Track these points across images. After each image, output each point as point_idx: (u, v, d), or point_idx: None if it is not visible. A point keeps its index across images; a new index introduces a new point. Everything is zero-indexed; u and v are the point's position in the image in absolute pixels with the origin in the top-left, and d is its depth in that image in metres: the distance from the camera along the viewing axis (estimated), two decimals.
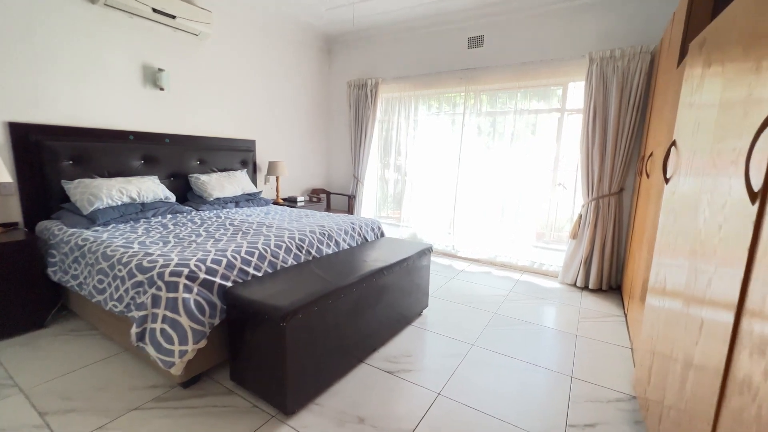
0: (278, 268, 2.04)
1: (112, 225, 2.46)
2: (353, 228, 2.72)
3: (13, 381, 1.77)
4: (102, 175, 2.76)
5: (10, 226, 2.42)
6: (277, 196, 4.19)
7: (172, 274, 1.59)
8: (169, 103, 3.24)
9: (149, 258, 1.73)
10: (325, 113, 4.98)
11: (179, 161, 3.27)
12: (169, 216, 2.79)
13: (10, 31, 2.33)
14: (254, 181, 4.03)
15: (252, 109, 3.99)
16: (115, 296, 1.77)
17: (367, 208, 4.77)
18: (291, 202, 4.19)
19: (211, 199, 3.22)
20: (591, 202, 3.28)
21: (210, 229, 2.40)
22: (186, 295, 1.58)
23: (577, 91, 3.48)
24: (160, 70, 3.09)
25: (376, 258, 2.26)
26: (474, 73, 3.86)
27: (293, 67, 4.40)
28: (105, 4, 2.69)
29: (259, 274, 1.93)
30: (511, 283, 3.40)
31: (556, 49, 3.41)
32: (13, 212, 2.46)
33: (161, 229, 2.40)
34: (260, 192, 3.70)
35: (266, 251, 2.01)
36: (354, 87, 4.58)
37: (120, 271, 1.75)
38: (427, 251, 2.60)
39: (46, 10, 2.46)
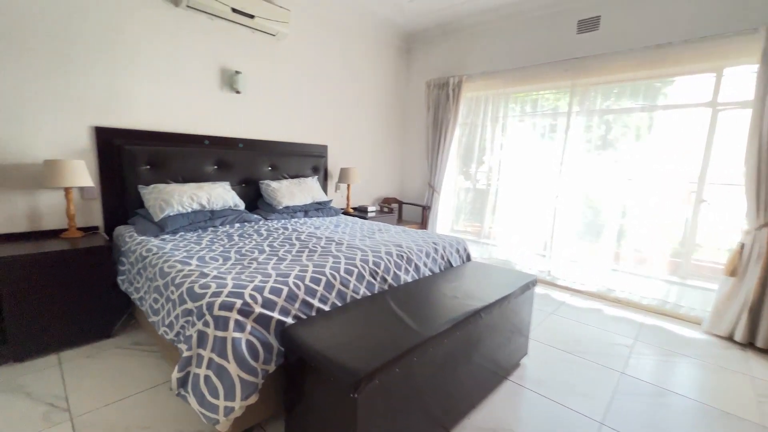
0: (348, 299, 1.66)
1: (180, 233, 2.33)
2: (435, 249, 2.25)
3: (67, 403, 1.63)
4: (176, 181, 2.69)
5: (91, 230, 2.41)
6: (348, 205, 3.90)
7: (222, 306, 1.28)
8: (244, 106, 3.12)
9: (202, 281, 1.46)
10: (400, 117, 4.61)
11: (251, 167, 3.13)
12: (236, 225, 2.61)
13: (97, 38, 2.33)
14: (324, 188, 3.80)
15: (325, 112, 3.77)
16: (167, 321, 1.53)
17: (443, 220, 4.27)
18: (361, 212, 3.87)
19: (281, 207, 3.01)
20: (761, 228, 2.38)
21: (275, 244, 2.12)
22: (237, 335, 1.26)
23: (736, 79, 2.60)
24: (237, 72, 2.98)
25: (469, 293, 1.77)
26: (584, 64, 3.16)
27: (369, 67, 4.12)
28: (188, 6, 2.62)
29: (326, 308, 1.56)
30: (634, 328, 2.62)
31: (709, 24, 2.59)
32: (95, 216, 2.46)
33: (225, 240, 2.20)
34: (330, 201, 3.43)
35: (335, 278, 1.64)
36: (433, 87, 4.14)
37: (173, 293, 1.51)
38: (531, 285, 2.03)
39: (130, 14, 2.44)
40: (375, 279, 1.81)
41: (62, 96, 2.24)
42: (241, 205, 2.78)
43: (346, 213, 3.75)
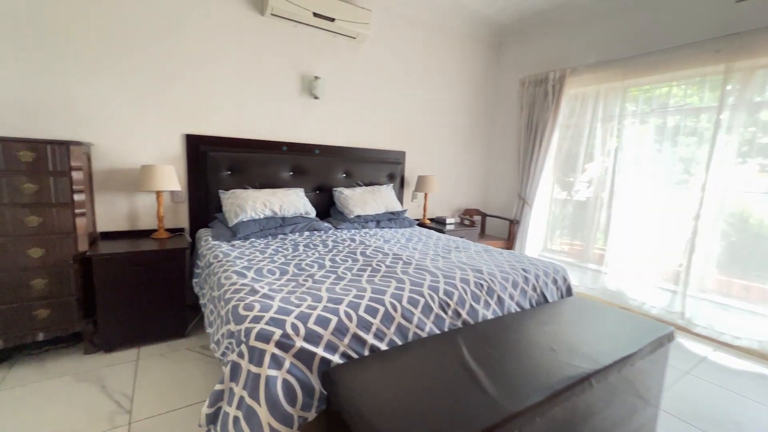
0: (410, 336, 1.36)
1: (250, 240, 2.31)
2: (526, 278, 1.81)
3: (131, 404, 1.65)
4: (254, 186, 2.72)
5: (177, 232, 2.55)
6: (424, 216, 3.60)
7: (259, 336, 1.10)
8: (322, 112, 3.07)
9: (249, 300, 1.31)
10: (486, 119, 4.16)
11: (326, 173, 3.05)
12: (305, 233, 2.52)
13: (189, 52, 2.46)
14: (400, 197, 3.56)
15: (404, 116, 3.55)
16: (215, 337, 1.43)
17: (535, 237, 3.68)
18: (439, 223, 3.53)
19: (352, 216, 2.85)
20: None
21: (337, 259, 1.93)
22: (272, 373, 1.06)
23: None
24: (316, 78, 2.93)
25: (572, 345, 1.32)
26: (746, 40, 2.35)
27: (453, 67, 3.78)
28: (272, 14, 2.65)
29: (382, 346, 1.28)
30: None
31: None
32: (182, 219, 2.61)
33: (290, 250, 2.09)
34: (405, 211, 3.17)
35: (395, 308, 1.36)
36: (529, 84, 3.61)
37: (222, 308, 1.41)
38: (666, 340, 1.47)
39: (219, 26, 2.54)
40: (446, 312, 1.48)
41: (160, 106, 2.41)
42: (312, 213, 2.70)
43: (421, 224, 3.45)
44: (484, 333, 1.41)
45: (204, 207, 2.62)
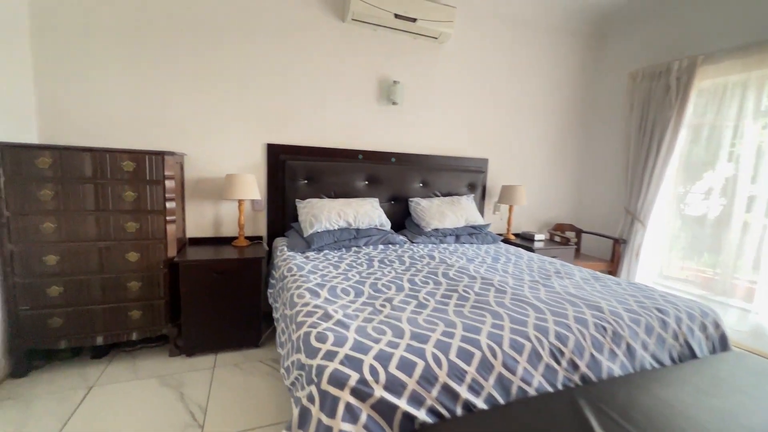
0: (514, 392, 1.07)
1: (324, 251, 2.22)
2: (663, 322, 1.39)
3: (203, 418, 1.62)
4: (329, 196, 2.65)
5: (256, 240, 2.58)
6: (508, 230, 3.22)
7: (333, 379, 0.92)
8: (400, 118, 2.91)
9: (323, 327, 1.16)
10: (583, 122, 3.62)
11: (402, 183, 2.87)
12: (380, 247, 2.36)
13: (271, 62, 2.49)
14: (481, 209, 3.23)
15: (488, 121, 3.23)
16: (286, 363, 1.30)
17: (649, 260, 3.04)
18: (526, 239, 3.12)
19: (429, 229, 2.62)
20: None
21: (416, 280, 1.71)
22: (347, 428, 0.87)
23: None
24: (395, 82, 2.79)
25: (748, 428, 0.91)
26: None
27: (545, 64, 3.36)
28: (353, 19, 2.58)
29: (479, 402, 1.02)
30: None
31: None
32: (261, 227, 2.63)
33: (365, 266, 1.93)
34: (488, 225, 2.85)
35: (494, 354, 1.09)
36: (642, 78, 3.03)
37: (293, 332, 1.27)
38: None
39: (300, 33, 2.53)
40: (558, 363, 1.16)
41: (244, 116, 2.47)
42: (387, 225, 2.53)
43: (506, 240, 3.08)
44: (613, 396, 1.06)
45: (281, 216, 2.62)
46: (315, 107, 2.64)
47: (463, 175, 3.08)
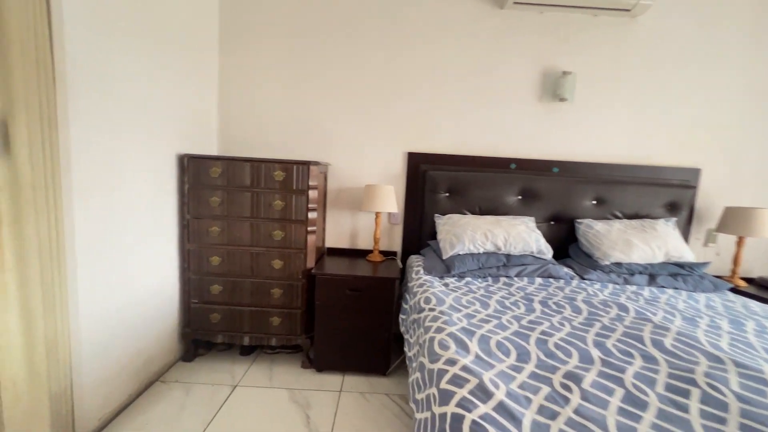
0: None
1: (466, 279, 1.86)
2: None
3: None
4: (473, 212, 2.27)
5: (391, 256, 2.40)
6: (734, 273, 2.21)
7: None
8: (568, 118, 2.32)
9: (477, 415, 0.80)
10: None
11: (566, 199, 2.27)
12: (537, 281, 1.85)
13: (418, 65, 2.27)
14: (687, 238, 2.32)
15: (702, 117, 2.31)
16: (420, 427, 0.98)
17: None
18: (765, 288, 2.07)
19: (607, 262, 1.96)
20: None
21: (609, 347, 1.16)
22: None
23: None
24: (565, 73, 2.23)
25: None
26: None
27: None
28: (514, 3, 2.16)
29: None
30: None
31: None
32: (396, 242, 2.45)
33: (522, 308, 1.48)
34: (704, 265, 1.98)
35: None
36: None
37: (435, 401, 0.95)
38: None
39: (450, 27, 2.25)
40: None
41: (386, 124, 2.33)
42: (548, 253, 2.00)
43: (734, 289, 2.09)
44: None
45: (418, 231, 2.38)
46: (462, 110, 2.32)
47: (661, 191, 2.25)
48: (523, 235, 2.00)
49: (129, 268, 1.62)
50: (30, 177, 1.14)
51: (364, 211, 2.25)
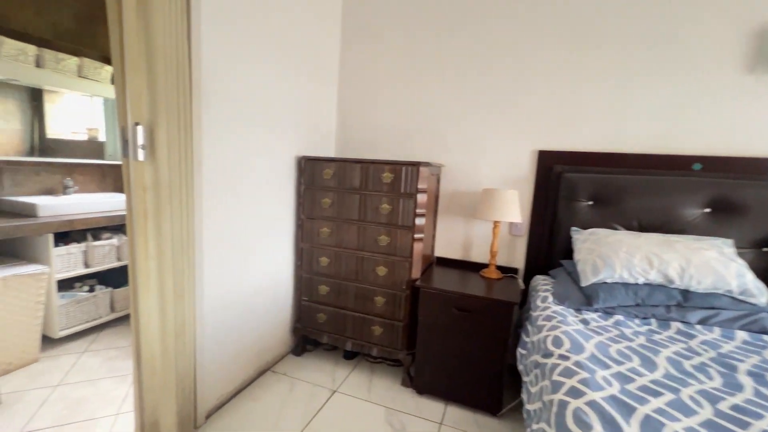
0: None
1: (616, 318, 1.39)
2: None
3: None
4: (629, 227, 1.73)
5: (510, 272, 2.04)
6: None
7: None
8: None
9: None
10: None
11: None
12: (739, 337, 1.25)
13: (552, 42, 1.84)
14: None
15: None
16: None
17: None
18: None
19: None
20: None
21: None
22: None
23: None
24: None
25: None
26: None
27: None
28: None
29: None
30: None
31: None
32: (517, 257, 2.07)
33: (714, 379, 0.98)
34: None
35: None
36: None
37: None
38: None
39: None
40: None
41: (511, 118, 1.98)
42: (758, 295, 1.34)
43: None
44: None
45: (546, 246, 1.95)
46: (619, 93, 1.79)
47: None
48: (713, 264, 1.39)
49: (249, 262, 1.74)
50: (167, 177, 1.27)
51: (480, 219, 1.96)
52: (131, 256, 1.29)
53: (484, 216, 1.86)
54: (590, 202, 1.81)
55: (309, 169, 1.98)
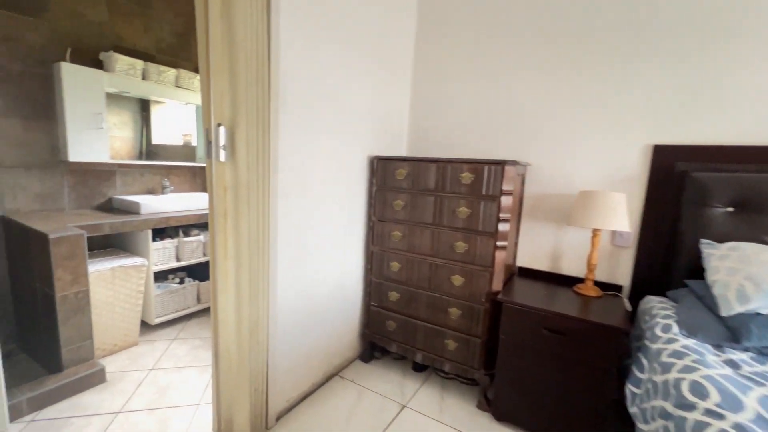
0: None
1: None
2: None
3: None
4: None
5: (612, 290, 1.72)
6: None
7: None
8: None
9: None
10: None
11: None
12: None
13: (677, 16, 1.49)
14: None
15: None
16: None
17: None
18: None
19: None
20: None
21: None
22: None
23: None
24: None
25: None
26: None
27: None
28: None
29: None
30: None
31: None
32: (622, 271, 1.74)
33: None
34: None
35: None
36: None
37: None
38: None
39: None
40: None
41: (619, 108, 1.67)
42: None
43: None
44: None
45: (663, 261, 1.61)
46: (757, 75, 1.40)
47: None
48: None
49: (320, 264, 1.71)
50: (246, 178, 1.27)
51: (574, 226, 1.68)
52: (212, 254, 1.32)
53: (580, 222, 1.59)
54: (730, 209, 1.44)
55: (381, 170, 1.89)
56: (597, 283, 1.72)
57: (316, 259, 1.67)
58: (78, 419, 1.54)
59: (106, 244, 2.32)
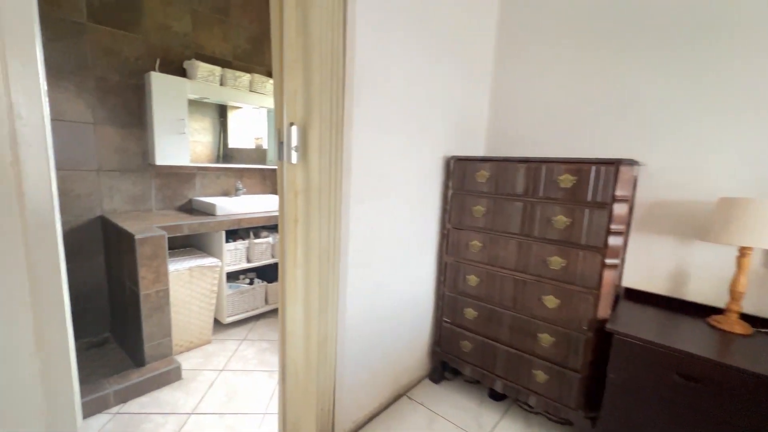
0: None
1: None
2: None
3: None
4: None
5: (764, 326, 1.32)
6: None
7: None
8: None
9: None
10: None
11: None
12: None
13: None
14: None
15: None
16: None
17: None
18: None
19: None
20: None
21: None
22: None
23: None
24: None
25: None
26: None
27: None
28: None
29: None
30: None
31: None
32: None
33: None
34: None
35: None
36: None
37: None
38: None
39: None
40: None
41: (763, 87, 1.28)
42: None
43: None
44: None
45: None
46: None
47: None
48: None
49: (390, 275, 1.56)
50: (317, 181, 1.17)
51: (712, 242, 1.32)
52: (281, 262, 1.24)
53: (722, 238, 1.24)
54: None
55: (459, 171, 1.69)
56: (745, 317, 1.33)
57: (386, 269, 1.53)
58: (157, 416, 1.58)
59: (185, 244, 2.44)
